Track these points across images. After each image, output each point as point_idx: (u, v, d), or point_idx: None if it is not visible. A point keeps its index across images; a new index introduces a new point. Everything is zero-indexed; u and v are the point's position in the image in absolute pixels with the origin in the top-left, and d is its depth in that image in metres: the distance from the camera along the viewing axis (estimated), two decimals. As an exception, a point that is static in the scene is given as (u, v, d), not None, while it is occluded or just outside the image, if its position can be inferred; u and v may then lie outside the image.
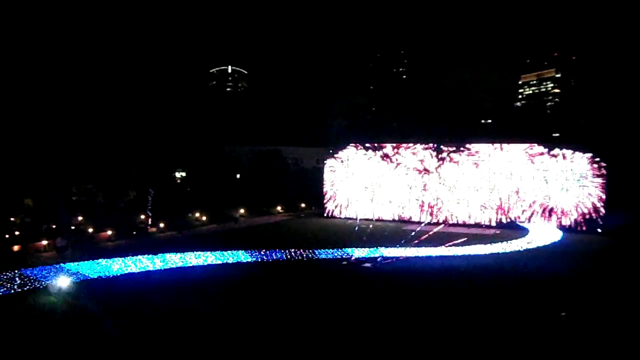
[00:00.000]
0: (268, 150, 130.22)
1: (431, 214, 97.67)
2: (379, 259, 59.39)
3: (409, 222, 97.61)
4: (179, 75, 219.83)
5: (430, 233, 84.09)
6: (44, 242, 63.45)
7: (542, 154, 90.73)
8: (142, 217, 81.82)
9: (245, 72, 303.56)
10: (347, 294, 45.64)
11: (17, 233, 66.61)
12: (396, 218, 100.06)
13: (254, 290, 46.20)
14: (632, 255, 66.33)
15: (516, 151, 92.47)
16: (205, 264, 55.13)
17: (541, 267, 57.96)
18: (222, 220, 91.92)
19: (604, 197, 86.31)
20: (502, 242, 71.30)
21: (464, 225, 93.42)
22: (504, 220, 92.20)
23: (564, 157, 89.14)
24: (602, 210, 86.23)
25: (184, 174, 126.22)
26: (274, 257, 58.87)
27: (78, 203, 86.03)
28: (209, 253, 56.58)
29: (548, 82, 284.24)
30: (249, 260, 57.75)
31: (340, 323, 36.96)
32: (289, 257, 59.27)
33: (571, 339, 34.49)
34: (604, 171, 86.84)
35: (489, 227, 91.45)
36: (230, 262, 56.56)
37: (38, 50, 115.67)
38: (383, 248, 63.47)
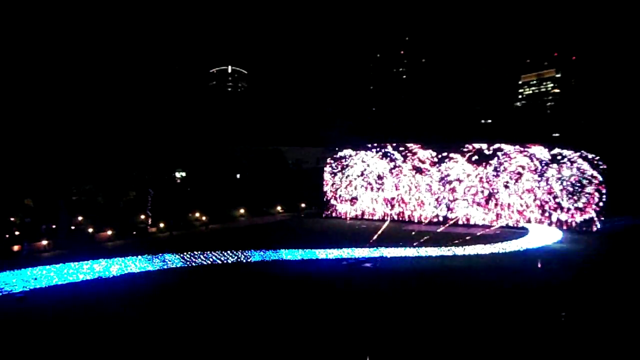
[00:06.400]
0: (268, 150, 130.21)
1: (431, 214, 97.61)
2: (379, 259, 59.32)
3: (409, 222, 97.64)
4: (179, 76, 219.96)
5: (432, 233, 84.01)
6: (44, 242, 63.46)
7: (542, 154, 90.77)
8: (142, 217, 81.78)
9: (245, 72, 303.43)
10: (347, 293, 45.62)
11: (17, 233, 66.61)
12: (396, 218, 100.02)
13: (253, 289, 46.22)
14: (631, 255, 66.23)
15: (516, 151, 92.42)
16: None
17: (541, 266, 57.93)
18: (222, 221, 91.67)
19: (603, 197, 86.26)
20: (502, 242, 71.25)
21: (465, 225, 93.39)
22: (504, 221, 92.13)
23: (564, 158, 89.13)
24: (602, 210, 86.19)
25: (184, 174, 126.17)
26: (274, 257, 58.89)
27: (78, 203, 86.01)
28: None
29: (548, 82, 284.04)
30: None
31: (340, 322, 36.97)
32: (289, 256, 59.29)
33: (570, 338, 34.47)
34: (603, 171, 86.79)
35: (489, 227, 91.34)
36: (230, 261, 56.62)
37: (39, 51, 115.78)
38: (383, 248, 63.45)
